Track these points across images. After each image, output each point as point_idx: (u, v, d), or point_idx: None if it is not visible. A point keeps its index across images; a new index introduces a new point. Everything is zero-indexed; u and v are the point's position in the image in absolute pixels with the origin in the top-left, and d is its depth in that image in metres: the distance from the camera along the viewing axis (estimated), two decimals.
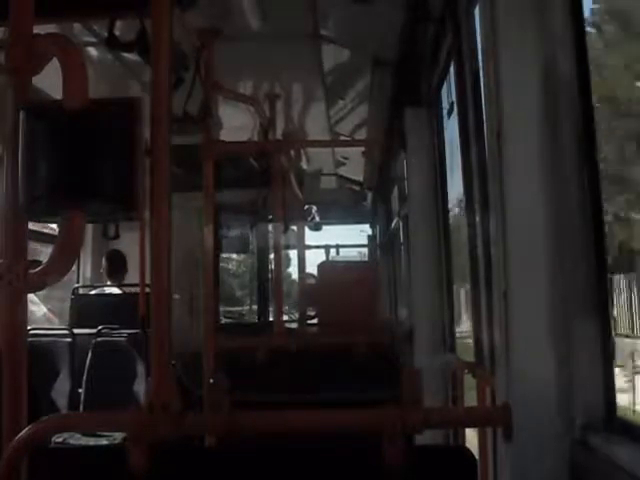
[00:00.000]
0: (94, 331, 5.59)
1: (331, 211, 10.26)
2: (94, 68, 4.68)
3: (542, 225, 1.84)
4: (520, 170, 1.86)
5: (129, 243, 6.23)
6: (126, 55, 3.79)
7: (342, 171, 9.13)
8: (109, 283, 6.86)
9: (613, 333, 1.94)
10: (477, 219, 3.25)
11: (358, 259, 12.61)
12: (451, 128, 4.08)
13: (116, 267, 6.84)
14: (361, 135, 7.15)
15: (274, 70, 5.39)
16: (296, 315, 7.93)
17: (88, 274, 7.64)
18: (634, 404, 5.29)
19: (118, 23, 2.38)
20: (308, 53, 4.84)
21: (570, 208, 1.86)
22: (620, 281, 5.96)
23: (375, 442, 1.66)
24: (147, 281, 4.93)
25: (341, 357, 4.71)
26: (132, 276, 6.67)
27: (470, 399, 3.66)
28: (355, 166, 8.68)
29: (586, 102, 1.91)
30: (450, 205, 4.55)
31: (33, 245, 5.82)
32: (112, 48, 2.53)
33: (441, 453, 1.90)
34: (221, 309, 9.63)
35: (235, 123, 5.98)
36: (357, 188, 10.16)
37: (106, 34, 2.40)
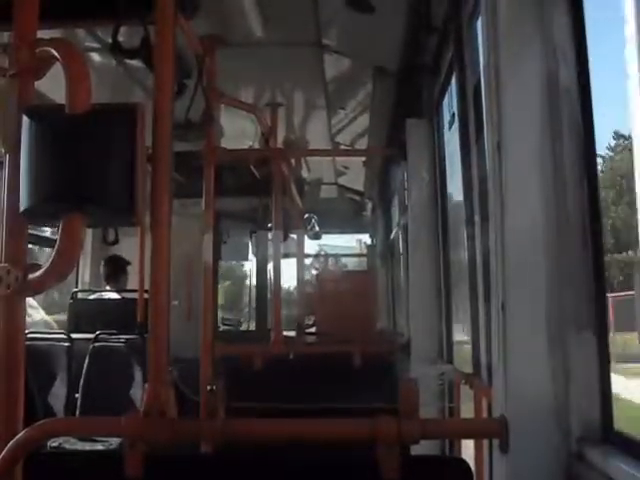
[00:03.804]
0: (92, 336, 5.58)
1: (331, 220, 10.27)
2: (97, 74, 4.69)
3: (541, 237, 1.84)
4: (520, 182, 1.87)
5: (129, 248, 6.23)
6: (129, 61, 3.80)
7: (342, 180, 9.13)
8: (108, 288, 6.85)
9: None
10: (476, 230, 3.25)
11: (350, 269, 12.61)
12: (452, 139, 4.09)
13: (115, 272, 6.83)
14: (362, 145, 7.16)
15: (276, 78, 5.41)
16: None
17: (87, 279, 7.65)
18: None
19: (122, 30, 2.39)
20: (310, 62, 4.86)
21: (569, 221, 1.86)
22: None
23: (371, 451, 1.66)
24: (146, 287, 4.92)
25: (338, 366, 4.70)
26: (132, 281, 6.68)
27: (467, 411, 3.66)
28: (355, 176, 8.69)
29: (587, 115, 1.92)
30: (450, 215, 4.55)
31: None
32: (116, 55, 2.53)
33: (437, 464, 1.90)
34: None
35: (236, 130, 5.99)
36: (357, 198, 10.17)
37: (110, 40, 2.40)
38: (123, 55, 2.50)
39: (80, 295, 6.97)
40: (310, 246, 10.14)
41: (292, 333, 6.44)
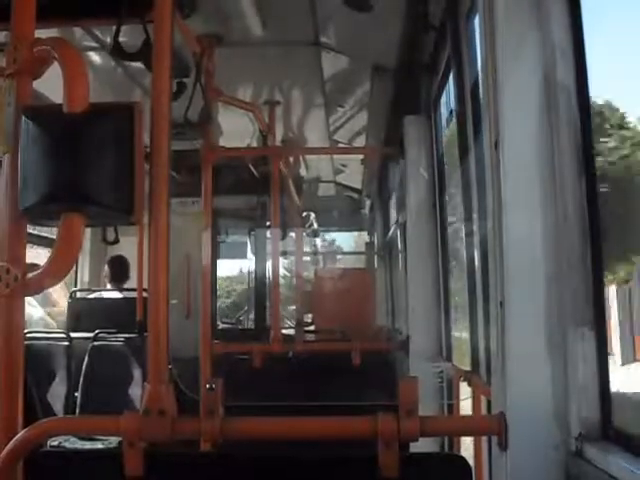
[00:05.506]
0: (91, 335, 5.58)
1: (329, 218, 10.28)
2: (95, 73, 4.69)
3: (539, 235, 1.84)
4: (518, 180, 1.87)
5: (128, 248, 6.23)
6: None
7: (340, 178, 9.13)
8: (109, 287, 6.85)
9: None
10: (475, 227, 3.26)
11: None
12: (450, 136, 4.09)
13: (118, 273, 6.83)
14: (360, 143, 7.16)
15: (274, 77, 5.41)
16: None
17: (86, 278, 7.65)
18: None
19: (120, 29, 2.38)
20: (308, 60, 4.86)
21: (568, 218, 1.86)
22: None
23: (371, 449, 1.66)
24: (145, 285, 4.93)
25: (337, 364, 4.71)
26: (131, 280, 6.68)
27: (466, 408, 3.66)
28: (354, 173, 8.69)
29: (585, 112, 1.92)
30: (448, 212, 4.56)
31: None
32: (114, 55, 2.53)
33: (437, 461, 1.90)
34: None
35: (235, 129, 5.99)
36: (355, 195, 10.17)
37: (108, 39, 2.40)
38: (124, 57, 2.50)
39: (79, 294, 6.96)
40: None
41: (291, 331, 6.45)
